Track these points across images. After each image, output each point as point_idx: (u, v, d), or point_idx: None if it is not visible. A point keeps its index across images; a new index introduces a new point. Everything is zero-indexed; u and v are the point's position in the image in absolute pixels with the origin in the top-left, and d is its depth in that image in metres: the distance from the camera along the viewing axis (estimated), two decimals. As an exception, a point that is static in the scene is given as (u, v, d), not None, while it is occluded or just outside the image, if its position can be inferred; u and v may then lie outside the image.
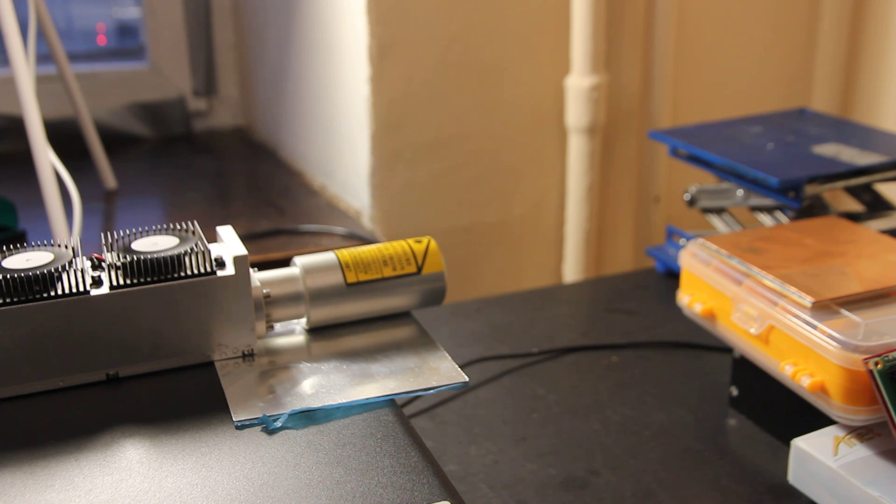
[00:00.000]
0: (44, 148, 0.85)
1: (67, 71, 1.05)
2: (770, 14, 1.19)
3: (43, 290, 0.45)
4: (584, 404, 0.71)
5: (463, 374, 0.49)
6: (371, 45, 0.97)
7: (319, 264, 0.53)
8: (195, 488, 0.39)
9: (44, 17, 0.99)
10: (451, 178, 1.06)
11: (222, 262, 0.49)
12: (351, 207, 1.08)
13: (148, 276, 0.47)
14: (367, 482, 0.40)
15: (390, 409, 0.46)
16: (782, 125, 0.94)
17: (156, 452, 0.42)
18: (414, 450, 0.42)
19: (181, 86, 1.40)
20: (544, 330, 0.84)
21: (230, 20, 1.40)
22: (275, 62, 1.26)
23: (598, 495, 0.60)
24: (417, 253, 0.55)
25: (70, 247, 0.48)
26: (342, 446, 0.42)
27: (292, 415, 0.45)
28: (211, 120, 1.44)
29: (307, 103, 1.17)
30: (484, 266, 1.12)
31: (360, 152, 1.03)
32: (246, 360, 0.50)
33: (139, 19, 1.42)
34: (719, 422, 0.68)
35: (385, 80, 0.98)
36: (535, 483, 0.61)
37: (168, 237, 0.50)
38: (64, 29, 1.42)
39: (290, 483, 0.40)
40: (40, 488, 0.39)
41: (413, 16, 0.98)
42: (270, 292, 0.51)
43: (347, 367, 0.49)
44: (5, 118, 1.27)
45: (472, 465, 0.64)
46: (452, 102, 1.03)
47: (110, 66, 1.40)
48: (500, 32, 1.03)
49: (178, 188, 1.15)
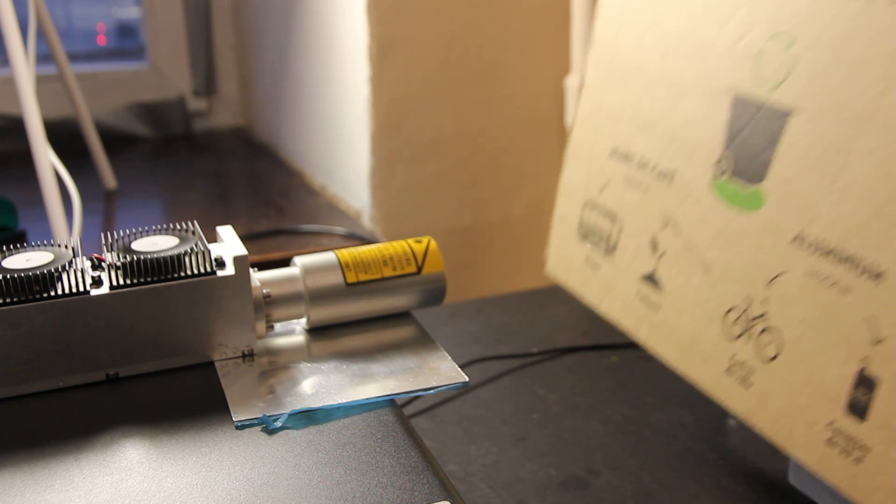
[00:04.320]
0: (44, 148, 0.85)
1: (67, 71, 1.05)
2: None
3: (43, 290, 0.45)
4: (584, 404, 0.71)
5: (463, 374, 0.49)
6: (371, 45, 0.97)
7: (319, 264, 0.53)
8: (195, 488, 0.39)
9: (44, 17, 0.99)
10: (451, 178, 1.06)
11: (222, 262, 0.49)
12: (351, 207, 1.08)
13: (148, 276, 0.47)
14: (367, 482, 0.40)
15: (390, 409, 0.46)
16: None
17: (156, 452, 0.42)
18: (414, 450, 0.42)
19: (181, 86, 1.40)
20: (544, 330, 0.84)
21: (230, 20, 1.40)
22: (275, 62, 1.26)
23: (598, 495, 0.60)
24: (417, 253, 0.55)
25: (70, 247, 0.48)
26: (342, 446, 0.42)
27: (292, 415, 0.45)
28: (211, 120, 1.44)
29: (307, 103, 1.17)
30: (484, 266, 1.12)
31: (360, 152, 1.03)
32: (246, 360, 0.50)
33: (139, 19, 1.42)
34: (719, 422, 0.68)
35: (385, 80, 0.98)
36: (535, 483, 0.61)
37: (168, 237, 0.50)
38: (64, 29, 1.42)
39: (290, 483, 0.40)
40: (40, 488, 0.39)
41: (413, 16, 0.98)
42: (270, 292, 0.51)
43: (347, 367, 0.49)
44: (5, 118, 1.27)
45: (472, 465, 0.64)
46: (452, 102, 1.03)
47: (110, 66, 1.41)
48: (500, 32, 1.03)
49: (178, 188, 1.16)
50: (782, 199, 0.47)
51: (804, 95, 0.46)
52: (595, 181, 0.62)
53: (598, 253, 0.62)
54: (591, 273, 0.63)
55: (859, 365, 0.43)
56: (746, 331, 0.50)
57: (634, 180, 0.58)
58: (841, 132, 0.44)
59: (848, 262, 0.44)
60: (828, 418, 0.45)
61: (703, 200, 0.53)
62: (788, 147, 0.47)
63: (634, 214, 0.58)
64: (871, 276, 0.42)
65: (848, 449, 0.44)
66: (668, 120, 0.55)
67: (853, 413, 0.44)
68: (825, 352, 0.45)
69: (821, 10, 0.45)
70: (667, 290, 0.56)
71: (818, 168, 0.45)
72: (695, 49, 0.53)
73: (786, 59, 0.47)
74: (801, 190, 0.46)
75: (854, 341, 0.44)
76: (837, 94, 0.44)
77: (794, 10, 0.46)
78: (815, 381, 0.46)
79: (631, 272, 0.59)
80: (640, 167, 0.57)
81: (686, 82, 0.54)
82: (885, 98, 0.42)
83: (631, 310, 0.60)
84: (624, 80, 0.59)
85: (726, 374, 0.52)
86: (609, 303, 0.62)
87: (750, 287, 0.50)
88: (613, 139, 0.60)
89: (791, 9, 0.46)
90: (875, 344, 0.42)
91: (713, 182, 0.52)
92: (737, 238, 0.50)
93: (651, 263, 0.57)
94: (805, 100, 0.46)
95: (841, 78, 0.44)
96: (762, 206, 0.49)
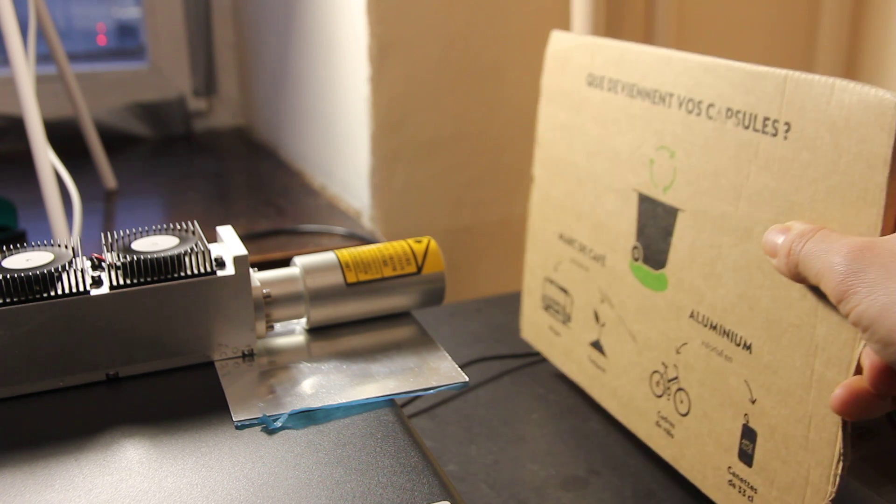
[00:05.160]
0: (44, 148, 0.85)
1: (67, 71, 1.05)
2: (770, 14, 1.19)
3: (43, 290, 0.45)
4: (584, 404, 0.71)
5: (463, 374, 0.49)
6: (371, 45, 0.97)
7: (319, 264, 0.53)
8: (195, 488, 0.39)
9: (44, 17, 0.99)
10: (451, 178, 1.06)
11: (222, 262, 0.49)
12: (351, 207, 1.08)
13: (148, 276, 0.47)
14: (367, 482, 0.40)
15: (390, 409, 0.46)
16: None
17: (156, 452, 0.42)
18: (414, 450, 0.42)
19: (181, 86, 1.40)
20: (544, 330, 0.84)
21: (230, 20, 1.40)
22: (275, 62, 1.26)
23: (598, 495, 0.60)
24: (417, 253, 0.55)
25: (70, 247, 0.48)
26: (342, 446, 0.42)
27: (292, 415, 0.45)
28: (211, 120, 1.44)
29: (307, 103, 1.17)
30: (484, 266, 1.12)
31: (360, 152, 1.03)
32: (246, 360, 0.50)
33: (139, 19, 1.42)
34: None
35: (385, 80, 0.98)
36: (535, 483, 0.61)
37: (168, 237, 0.50)
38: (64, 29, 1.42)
39: (290, 483, 0.40)
40: (40, 488, 0.39)
41: (413, 16, 0.98)
42: (270, 292, 0.51)
43: (347, 367, 0.49)
44: (5, 118, 1.27)
45: (472, 465, 0.64)
46: (452, 102, 1.03)
47: (110, 66, 1.40)
48: (500, 32, 1.03)
49: (178, 188, 1.16)
50: (679, 282, 0.56)
51: (685, 198, 0.55)
52: (550, 261, 0.71)
53: (558, 322, 0.71)
54: (554, 338, 0.73)
55: (743, 420, 0.52)
56: (666, 391, 0.59)
57: (578, 261, 0.67)
58: (712, 230, 0.53)
59: (728, 336, 0.52)
60: (727, 464, 0.53)
61: (626, 281, 0.61)
62: (678, 240, 0.56)
63: (581, 290, 0.67)
64: (744, 347, 0.51)
65: (743, 489, 0.52)
66: (595, 212, 0.64)
67: (742, 460, 0.52)
68: (719, 409, 0.54)
69: (690, 129, 0.54)
70: (609, 356, 0.65)
71: (699, 259, 0.54)
72: (609, 153, 0.62)
73: (670, 167, 0.56)
74: (689, 276, 0.55)
75: (737, 400, 0.52)
76: (706, 198, 0.53)
77: (672, 128, 0.55)
78: (715, 434, 0.54)
79: (583, 339, 0.68)
80: (580, 250, 0.67)
81: (605, 181, 0.63)
82: (739, 203, 0.50)
83: (585, 371, 0.68)
84: (562, 175, 0.68)
85: (656, 426, 0.60)
86: (569, 365, 0.71)
87: (665, 354, 0.58)
88: (559, 225, 0.69)
89: (670, 127, 0.55)
90: (752, 403, 0.51)
91: (631, 266, 0.61)
92: (652, 313, 0.59)
93: (596, 332, 0.66)
94: (685, 202, 0.55)
95: (707, 185, 0.53)
96: (666, 288, 0.57)
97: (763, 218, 0.48)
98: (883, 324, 0.37)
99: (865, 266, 0.38)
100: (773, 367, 0.49)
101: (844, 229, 0.43)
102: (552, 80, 0.70)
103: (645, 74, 0.58)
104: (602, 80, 0.62)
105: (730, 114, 0.51)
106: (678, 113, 0.55)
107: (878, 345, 0.38)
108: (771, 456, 0.50)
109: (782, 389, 0.48)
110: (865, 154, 0.42)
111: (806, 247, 0.43)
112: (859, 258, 0.39)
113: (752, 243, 0.49)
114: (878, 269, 0.38)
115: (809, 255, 0.42)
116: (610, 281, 0.63)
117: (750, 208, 0.49)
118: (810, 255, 0.42)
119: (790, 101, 0.47)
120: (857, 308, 0.39)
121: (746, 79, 0.49)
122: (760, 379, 0.50)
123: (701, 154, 0.53)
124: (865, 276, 0.38)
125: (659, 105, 0.56)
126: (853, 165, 0.43)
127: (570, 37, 0.67)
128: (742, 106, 0.50)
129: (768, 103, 0.48)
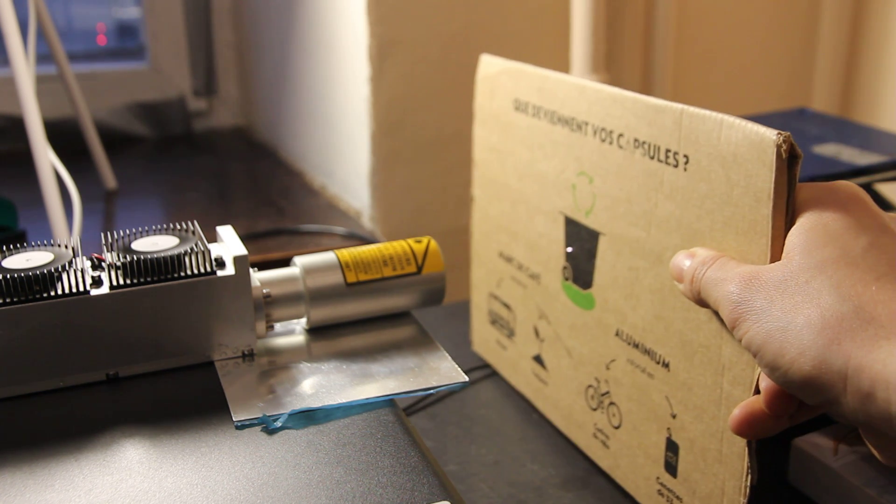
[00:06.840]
0: (44, 148, 0.85)
1: (67, 71, 1.05)
2: (770, 14, 1.19)
3: (43, 290, 0.45)
4: (584, 404, 0.71)
5: (463, 374, 0.49)
6: (371, 44, 0.97)
7: (319, 264, 0.53)
8: (195, 488, 0.39)
9: (44, 17, 0.99)
10: (451, 178, 1.06)
11: (222, 262, 0.49)
12: (351, 207, 1.08)
13: (148, 276, 0.47)
14: (367, 482, 0.40)
15: (390, 409, 0.46)
16: (782, 125, 0.94)
17: (156, 452, 0.42)
18: (414, 450, 0.42)
19: (181, 86, 1.40)
20: (544, 330, 0.84)
21: (230, 20, 1.40)
22: (275, 62, 1.26)
23: (598, 495, 0.60)
24: (417, 253, 0.55)
25: (70, 247, 0.48)
26: (342, 446, 0.43)
27: (292, 415, 0.45)
28: (211, 120, 1.44)
29: (307, 103, 1.17)
30: (484, 266, 1.12)
31: (360, 152, 1.03)
32: (246, 360, 0.50)
33: (139, 19, 1.42)
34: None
35: (385, 80, 0.98)
36: (535, 483, 0.61)
37: (168, 237, 0.50)
38: (64, 29, 1.42)
39: (290, 483, 0.40)
40: (40, 488, 0.39)
41: (413, 15, 0.98)
42: (270, 292, 0.51)
43: (347, 367, 0.49)
44: (5, 118, 1.27)
45: (472, 465, 0.64)
46: (452, 102, 1.03)
47: (110, 66, 1.40)
48: (500, 32, 1.03)
49: (178, 188, 1.16)
50: (604, 302, 0.57)
51: (604, 222, 0.56)
52: (493, 277, 0.73)
53: (504, 336, 0.73)
54: (501, 352, 0.74)
55: (667, 433, 0.54)
56: (600, 405, 0.60)
57: (517, 279, 0.69)
58: (629, 254, 0.54)
59: (649, 354, 0.54)
60: (655, 474, 0.55)
61: (559, 299, 0.63)
62: (601, 262, 0.57)
63: (521, 307, 0.69)
64: (663, 365, 0.53)
65: (671, 499, 0.54)
66: (528, 232, 0.66)
67: (668, 471, 0.54)
68: (646, 423, 0.55)
69: (604, 156, 0.55)
70: (549, 370, 0.66)
71: (620, 280, 0.55)
72: (537, 176, 0.63)
73: (590, 192, 0.57)
74: (613, 296, 0.56)
75: (660, 415, 0.54)
76: (622, 223, 0.54)
77: (589, 155, 0.57)
78: (644, 446, 0.56)
79: (526, 353, 0.69)
80: (518, 268, 0.68)
81: (535, 203, 0.64)
82: (650, 229, 0.52)
83: (529, 384, 0.70)
84: (497, 196, 0.70)
85: (593, 437, 0.62)
86: (516, 378, 0.72)
87: (596, 370, 0.60)
88: (498, 244, 0.71)
89: (588, 154, 0.57)
90: (673, 418, 0.53)
91: (563, 285, 0.62)
92: (583, 330, 0.60)
93: (537, 347, 0.67)
94: (605, 226, 0.56)
95: (622, 210, 0.54)
96: (594, 307, 0.59)
97: (672, 244, 0.50)
98: (768, 349, 0.39)
99: (753, 295, 0.40)
100: (688, 384, 0.51)
101: (741, 257, 0.44)
102: (483, 103, 0.71)
103: (563, 103, 0.59)
104: (527, 105, 0.64)
105: (637, 144, 0.52)
106: (593, 141, 0.56)
107: (767, 369, 0.40)
108: (692, 468, 0.52)
109: (697, 406, 0.50)
110: (752, 188, 0.44)
111: (707, 274, 0.44)
112: (749, 287, 0.41)
113: (664, 267, 0.51)
114: (763, 297, 0.40)
115: (709, 283, 0.44)
116: (546, 298, 0.64)
117: (660, 234, 0.51)
118: (710, 282, 0.44)
119: (686, 135, 0.48)
120: (746, 335, 0.40)
121: (648, 111, 0.51)
122: (679, 395, 0.52)
123: (615, 181, 0.54)
124: (753, 304, 0.40)
125: (577, 132, 0.58)
126: (742, 198, 0.44)
127: (498, 62, 0.68)
128: (647, 137, 0.51)
129: (668, 136, 0.49)
